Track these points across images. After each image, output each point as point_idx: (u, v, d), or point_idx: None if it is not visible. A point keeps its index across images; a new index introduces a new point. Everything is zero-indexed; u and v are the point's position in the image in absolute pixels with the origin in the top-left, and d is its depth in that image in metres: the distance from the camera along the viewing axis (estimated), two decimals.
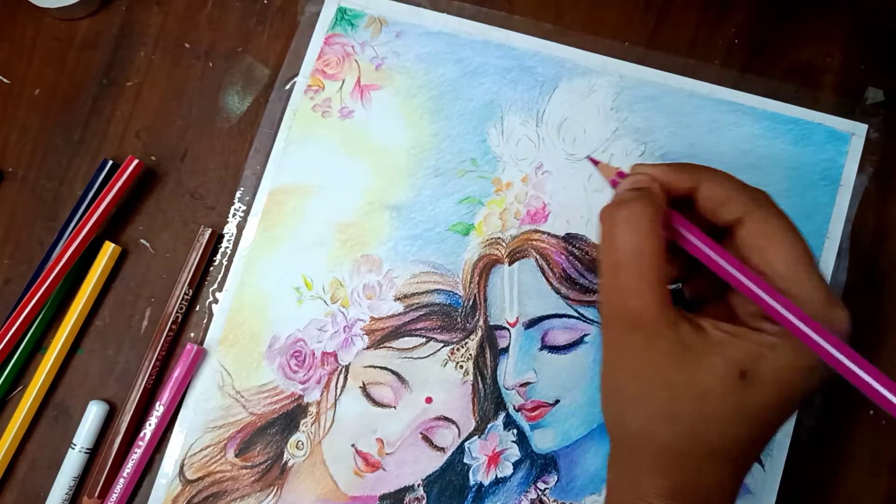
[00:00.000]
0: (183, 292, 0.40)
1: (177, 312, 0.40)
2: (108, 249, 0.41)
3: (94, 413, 0.40)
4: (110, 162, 0.42)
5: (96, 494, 0.39)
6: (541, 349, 0.41)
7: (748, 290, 0.29)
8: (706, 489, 0.30)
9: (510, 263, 0.42)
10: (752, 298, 0.29)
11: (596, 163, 0.35)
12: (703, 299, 0.35)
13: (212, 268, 0.42)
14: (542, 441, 0.41)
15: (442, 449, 0.41)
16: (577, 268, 0.42)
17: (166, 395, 0.40)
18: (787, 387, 0.29)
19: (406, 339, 0.41)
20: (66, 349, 0.41)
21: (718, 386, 0.29)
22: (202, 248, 0.41)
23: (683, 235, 0.31)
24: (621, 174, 0.34)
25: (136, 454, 0.39)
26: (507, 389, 0.41)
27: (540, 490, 0.40)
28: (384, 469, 0.40)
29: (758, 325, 0.30)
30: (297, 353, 0.41)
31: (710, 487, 0.30)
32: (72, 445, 0.40)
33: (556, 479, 0.40)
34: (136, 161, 0.41)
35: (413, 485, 0.40)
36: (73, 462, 0.39)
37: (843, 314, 0.30)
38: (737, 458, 0.30)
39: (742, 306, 0.31)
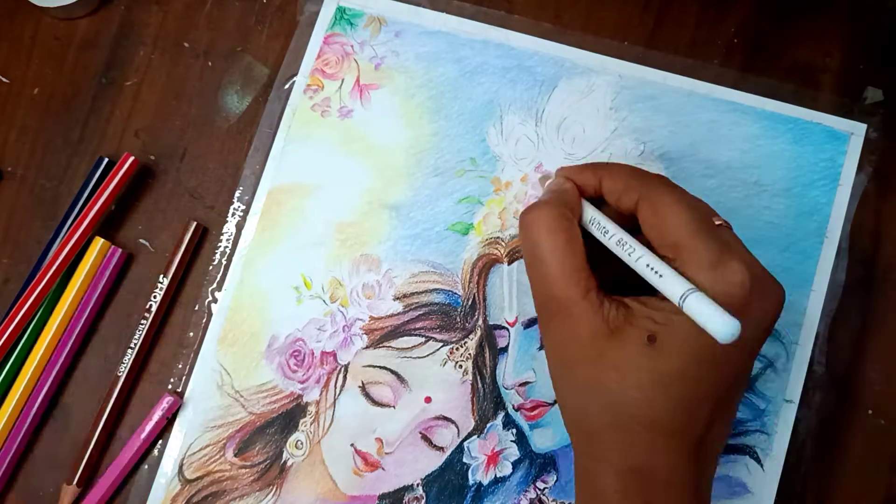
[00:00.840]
0: (158, 281, 0.41)
1: (152, 302, 0.41)
2: (98, 245, 0.41)
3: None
4: (106, 159, 0.42)
5: (75, 482, 0.39)
6: (540, 349, 0.41)
7: (627, 263, 0.31)
8: (657, 468, 0.30)
9: (509, 263, 0.42)
10: (637, 271, 0.31)
11: (540, 176, 0.38)
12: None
13: (211, 267, 0.42)
14: (542, 440, 0.41)
15: (441, 448, 0.41)
16: None
17: (165, 403, 0.40)
18: (694, 347, 0.30)
19: (405, 338, 0.41)
20: (52, 346, 0.41)
21: (631, 353, 0.30)
22: (186, 241, 0.41)
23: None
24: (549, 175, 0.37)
25: (130, 453, 0.40)
26: (506, 389, 0.41)
27: (539, 489, 0.40)
28: (383, 468, 0.40)
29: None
30: (296, 353, 0.41)
31: (661, 466, 0.30)
32: None
33: (555, 478, 0.40)
34: (131, 158, 0.41)
35: (412, 484, 0.40)
36: None
37: (738, 266, 0.30)
38: (674, 431, 0.30)
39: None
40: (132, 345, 0.40)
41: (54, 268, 0.40)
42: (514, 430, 0.41)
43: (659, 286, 0.30)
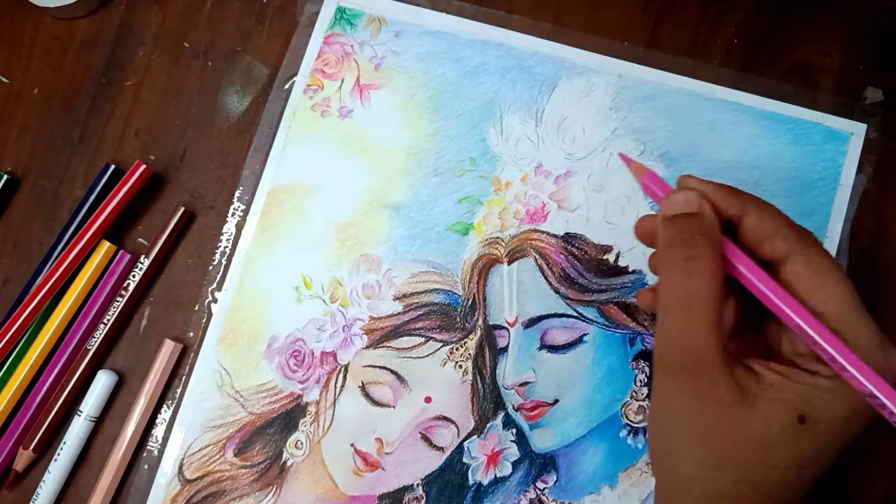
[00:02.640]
0: (139, 260, 0.41)
1: (130, 279, 0.41)
2: (103, 249, 0.41)
3: (102, 383, 0.40)
4: (112, 167, 0.42)
5: (31, 447, 0.40)
6: (540, 349, 0.41)
7: (802, 330, 0.28)
8: None
9: (509, 263, 0.42)
10: (805, 339, 0.29)
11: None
12: (738, 331, 0.33)
13: (211, 267, 0.42)
14: (541, 440, 0.41)
15: (441, 448, 0.41)
16: (576, 267, 0.42)
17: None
18: (844, 431, 0.28)
19: (405, 338, 0.41)
20: (50, 345, 0.41)
21: (777, 431, 0.28)
22: (173, 223, 0.41)
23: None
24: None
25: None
26: (506, 389, 0.41)
27: (539, 489, 0.40)
28: (383, 468, 0.40)
29: (810, 366, 0.29)
30: (296, 353, 0.41)
31: None
32: (78, 413, 0.40)
33: (555, 478, 0.40)
34: (143, 167, 0.41)
35: (412, 484, 0.40)
36: (77, 427, 0.40)
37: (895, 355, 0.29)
38: (789, 500, 0.29)
39: (785, 344, 0.30)
40: (105, 320, 0.41)
41: (59, 272, 0.40)
42: (514, 430, 0.41)
43: (833, 361, 0.28)
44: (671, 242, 0.30)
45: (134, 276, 0.41)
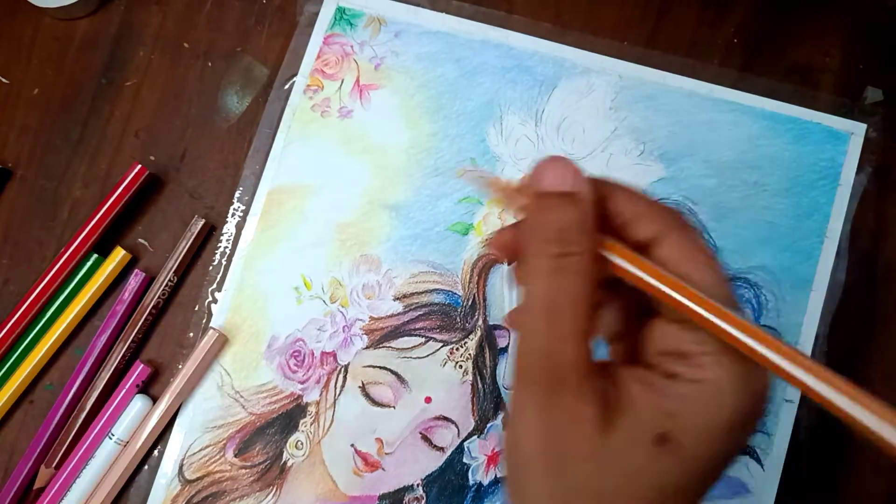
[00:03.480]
0: (167, 279, 0.41)
1: (158, 298, 0.41)
2: (118, 255, 0.41)
3: (136, 408, 0.40)
4: (139, 166, 0.42)
5: (54, 465, 0.39)
6: None
7: (688, 308, 0.25)
8: None
9: (509, 263, 0.42)
10: (691, 315, 0.25)
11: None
12: (617, 337, 0.29)
13: (211, 267, 0.42)
14: None
15: (441, 448, 0.41)
16: None
17: (134, 377, 0.40)
18: (714, 445, 0.24)
19: (405, 338, 0.41)
20: (55, 347, 0.41)
21: (636, 456, 0.24)
22: (193, 236, 0.41)
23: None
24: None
25: (96, 429, 0.40)
26: (506, 389, 0.41)
27: None
28: (383, 469, 0.40)
29: (670, 367, 0.25)
30: (296, 353, 0.41)
31: None
32: (109, 435, 0.40)
33: None
34: (138, 167, 0.41)
35: (412, 484, 0.40)
36: (107, 450, 0.40)
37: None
38: None
39: (654, 343, 0.26)
40: (126, 339, 0.40)
41: (51, 274, 0.41)
42: None
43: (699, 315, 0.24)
44: (538, 234, 0.26)
45: (165, 295, 0.41)
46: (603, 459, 0.24)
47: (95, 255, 0.41)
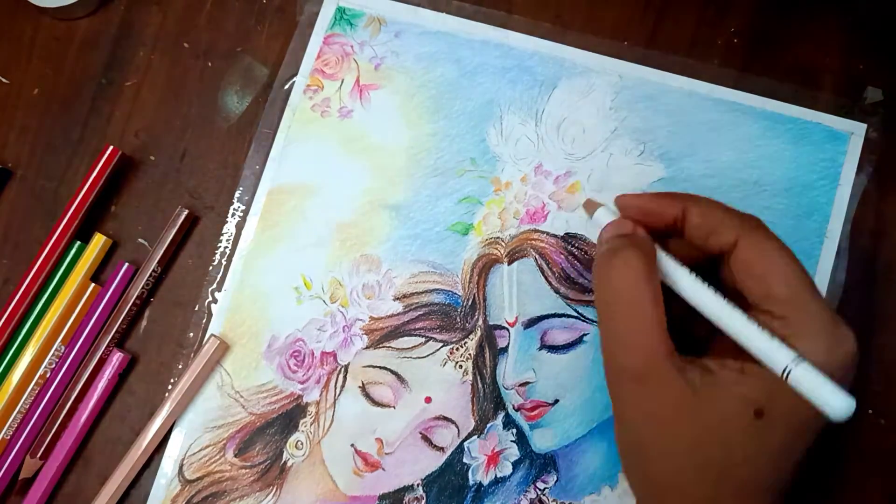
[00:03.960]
0: (152, 269, 0.41)
1: (142, 289, 0.41)
2: (99, 243, 0.41)
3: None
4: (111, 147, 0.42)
5: (39, 455, 0.39)
6: (540, 349, 0.41)
7: (724, 324, 0.29)
8: None
9: (509, 263, 0.42)
10: (728, 332, 0.29)
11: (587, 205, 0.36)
12: (707, 337, 0.33)
13: (211, 267, 0.42)
14: (542, 441, 0.41)
15: (441, 448, 0.41)
16: (576, 267, 0.42)
17: (116, 361, 0.40)
18: (804, 418, 0.28)
19: (405, 338, 0.41)
20: (49, 345, 0.41)
21: (736, 427, 0.28)
22: (176, 227, 0.41)
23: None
24: (603, 211, 0.34)
25: (83, 417, 0.40)
26: (506, 389, 0.41)
27: (539, 490, 0.40)
28: (383, 469, 0.40)
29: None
30: (296, 353, 0.41)
31: None
32: None
33: (555, 478, 0.40)
34: (111, 148, 0.41)
35: (412, 484, 0.40)
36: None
37: (849, 333, 0.29)
38: (772, 490, 0.29)
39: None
40: (110, 329, 0.41)
41: (38, 264, 0.41)
42: (515, 431, 0.41)
43: (759, 353, 0.28)
44: (606, 253, 0.31)
45: (145, 284, 0.41)
46: (704, 431, 0.28)
47: (79, 243, 0.41)
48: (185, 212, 0.41)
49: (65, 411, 0.40)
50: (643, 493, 0.31)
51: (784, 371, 0.27)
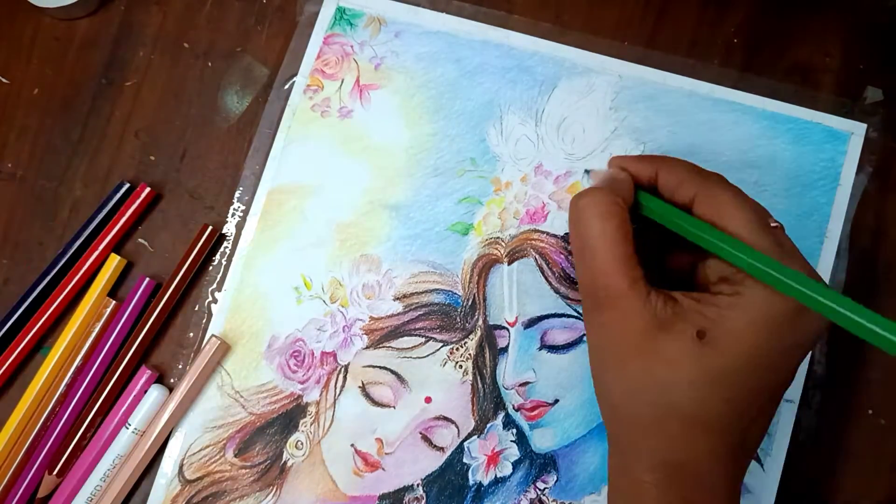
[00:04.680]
0: (175, 287, 0.41)
1: (164, 305, 0.40)
2: (114, 262, 0.41)
3: (153, 397, 0.40)
4: (126, 185, 0.42)
5: (55, 472, 0.39)
6: (540, 349, 0.41)
7: (709, 243, 0.31)
8: (696, 463, 0.30)
9: (509, 263, 0.42)
10: (714, 251, 0.31)
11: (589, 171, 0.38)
12: (681, 275, 0.36)
13: (211, 267, 0.42)
14: (542, 441, 0.41)
15: (441, 448, 0.41)
16: None
17: (138, 384, 0.40)
18: (747, 345, 0.30)
19: (405, 338, 0.41)
20: (68, 361, 0.40)
21: (683, 350, 0.30)
22: (200, 244, 0.41)
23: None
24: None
25: (104, 435, 0.40)
26: (506, 389, 0.41)
27: (539, 489, 0.40)
28: (383, 469, 0.40)
29: (716, 288, 0.32)
30: (296, 353, 0.41)
31: (700, 461, 0.30)
32: (126, 425, 0.39)
33: (555, 478, 0.40)
34: (147, 189, 0.42)
35: (412, 484, 0.40)
36: (123, 441, 0.39)
37: (798, 268, 0.30)
38: (719, 429, 0.30)
39: (706, 274, 0.33)
40: (129, 346, 0.40)
41: (68, 288, 0.41)
42: (515, 431, 0.41)
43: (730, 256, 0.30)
44: (577, 194, 0.34)
45: (168, 301, 0.41)
46: (654, 354, 0.30)
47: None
48: (210, 228, 0.41)
49: (83, 427, 0.39)
50: (604, 412, 0.33)
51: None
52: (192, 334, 0.41)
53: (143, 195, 0.42)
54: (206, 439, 0.40)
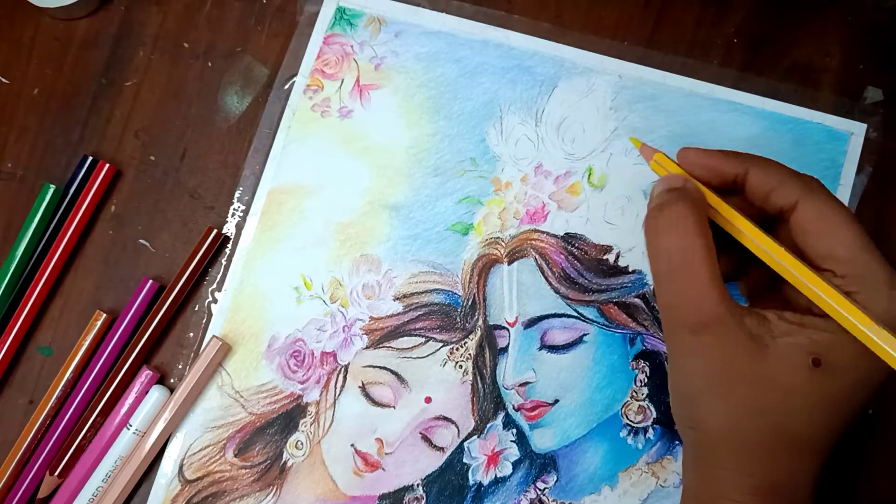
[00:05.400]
0: (177, 290, 0.41)
1: (167, 308, 0.40)
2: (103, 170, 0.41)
3: (154, 398, 0.40)
4: (90, 158, 0.42)
5: (57, 473, 0.39)
6: (540, 349, 0.41)
7: (796, 279, 0.29)
8: (791, 483, 0.30)
9: (509, 263, 0.42)
10: (800, 287, 0.29)
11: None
12: (758, 294, 0.34)
13: (211, 268, 0.42)
14: (542, 441, 0.41)
15: (441, 449, 0.41)
16: (576, 267, 0.42)
17: (138, 385, 0.40)
18: (863, 371, 0.29)
19: (405, 338, 0.41)
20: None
21: (795, 376, 0.29)
22: (205, 247, 0.41)
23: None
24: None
25: (106, 435, 0.40)
26: (506, 389, 0.41)
27: (539, 489, 0.40)
28: (383, 469, 0.40)
29: (822, 312, 0.30)
30: (296, 353, 0.41)
31: (795, 481, 0.30)
32: (127, 426, 0.39)
33: (555, 478, 0.40)
34: (107, 166, 0.41)
35: (412, 484, 0.40)
36: (124, 442, 0.39)
37: None
38: (821, 448, 0.30)
39: (801, 296, 0.31)
40: (130, 352, 0.40)
41: (47, 273, 0.41)
42: (515, 431, 0.41)
43: (831, 308, 0.28)
44: (655, 208, 0.31)
45: (171, 304, 0.41)
46: (765, 381, 0.29)
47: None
48: (215, 231, 0.41)
49: (86, 428, 0.39)
50: (694, 438, 0.32)
51: (870, 329, 0.28)
52: (192, 334, 0.41)
53: (104, 172, 0.41)
54: (207, 439, 0.40)
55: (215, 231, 0.41)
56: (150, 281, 0.41)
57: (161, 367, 0.41)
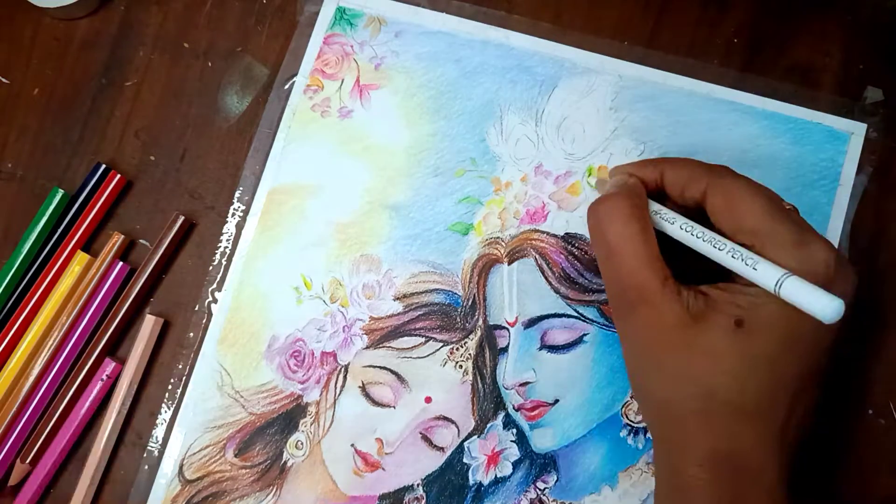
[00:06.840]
0: (146, 277, 0.41)
1: (135, 297, 0.41)
2: (83, 261, 0.41)
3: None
4: (103, 166, 0.42)
5: (28, 461, 0.39)
6: (540, 349, 0.41)
7: (710, 252, 0.31)
8: (742, 452, 0.30)
9: (509, 263, 0.42)
10: (715, 259, 0.31)
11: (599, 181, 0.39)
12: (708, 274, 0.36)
13: (211, 267, 0.42)
14: (542, 440, 0.41)
15: (441, 448, 0.41)
16: (576, 267, 0.42)
17: (108, 370, 0.40)
18: (784, 331, 0.30)
19: (405, 338, 0.41)
20: (39, 348, 0.41)
21: (721, 339, 0.30)
22: (172, 234, 0.41)
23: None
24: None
25: (73, 424, 0.40)
26: (506, 389, 0.41)
27: (539, 489, 0.40)
28: (383, 469, 0.40)
29: (747, 280, 0.31)
30: (296, 353, 0.41)
31: (746, 450, 0.30)
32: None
33: (555, 478, 0.40)
34: (118, 176, 0.42)
35: (412, 484, 0.40)
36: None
37: (822, 244, 0.31)
38: (761, 416, 0.31)
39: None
40: (101, 331, 0.41)
41: (47, 281, 0.41)
42: (515, 431, 0.41)
43: (747, 274, 0.30)
44: (595, 200, 0.34)
45: (138, 292, 0.41)
46: (692, 347, 0.31)
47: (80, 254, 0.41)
48: (182, 218, 0.41)
49: (55, 417, 0.40)
50: (646, 412, 0.34)
51: (776, 284, 0.29)
52: (192, 334, 0.41)
53: (115, 182, 0.42)
54: (206, 439, 0.40)
55: (182, 218, 0.41)
56: (121, 263, 0.41)
57: (161, 367, 0.41)
